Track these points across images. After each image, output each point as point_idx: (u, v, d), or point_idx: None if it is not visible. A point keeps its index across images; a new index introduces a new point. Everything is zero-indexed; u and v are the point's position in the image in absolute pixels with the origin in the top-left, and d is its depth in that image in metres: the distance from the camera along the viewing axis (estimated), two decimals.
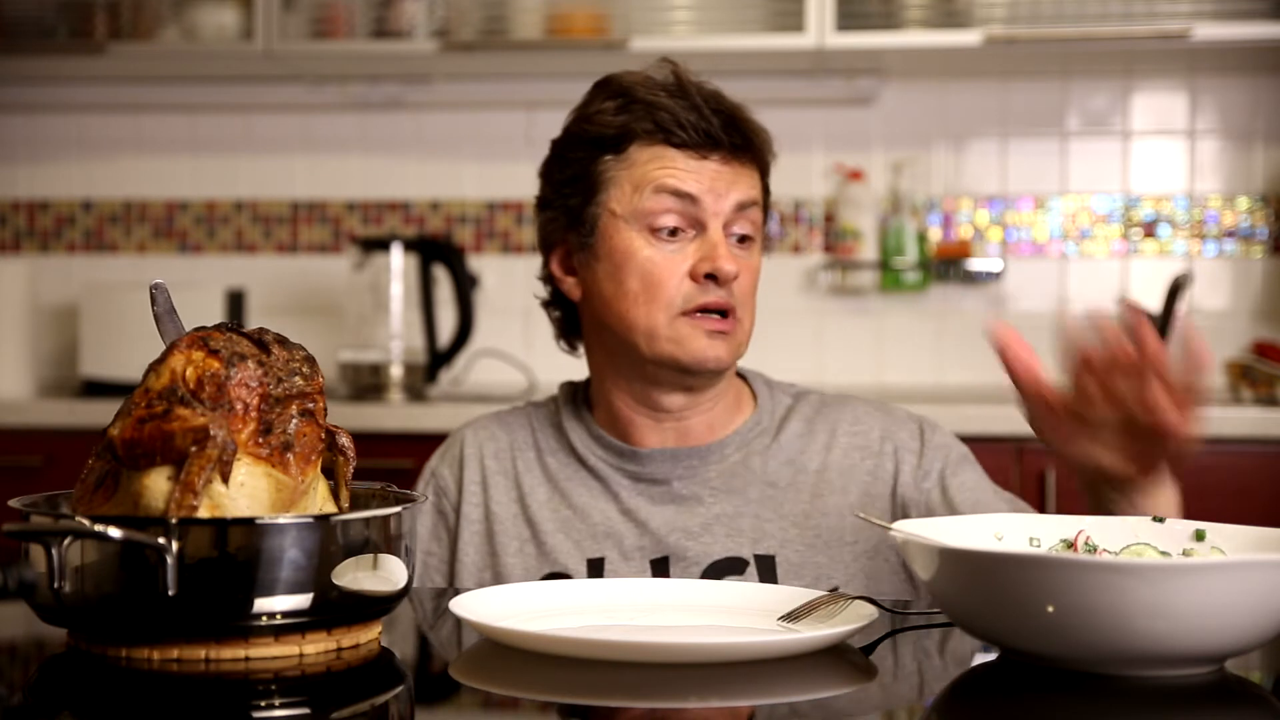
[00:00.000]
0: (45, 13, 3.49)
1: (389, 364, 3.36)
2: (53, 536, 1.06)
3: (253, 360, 1.14)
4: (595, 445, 1.71)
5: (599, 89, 1.69)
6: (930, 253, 3.55)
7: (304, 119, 3.75)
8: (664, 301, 1.61)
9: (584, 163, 1.66)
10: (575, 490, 1.70)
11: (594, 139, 1.66)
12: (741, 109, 1.67)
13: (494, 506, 1.72)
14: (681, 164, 1.63)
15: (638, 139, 1.64)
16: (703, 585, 1.33)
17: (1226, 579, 1.02)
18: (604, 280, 1.65)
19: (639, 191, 1.63)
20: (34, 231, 3.82)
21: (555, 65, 3.49)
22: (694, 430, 1.70)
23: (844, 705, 1.09)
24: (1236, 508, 2.76)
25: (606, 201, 1.64)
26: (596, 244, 1.65)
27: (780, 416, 1.75)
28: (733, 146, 1.64)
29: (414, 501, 1.21)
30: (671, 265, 1.62)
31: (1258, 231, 3.54)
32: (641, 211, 1.62)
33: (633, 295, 1.62)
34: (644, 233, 1.63)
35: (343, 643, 1.14)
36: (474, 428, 1.79)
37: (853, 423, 1.74)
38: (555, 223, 1.70)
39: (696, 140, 1.62)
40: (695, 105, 1.63)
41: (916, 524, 1.25)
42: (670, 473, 1.68)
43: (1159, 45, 3.28)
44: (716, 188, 1.63)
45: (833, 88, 3.56)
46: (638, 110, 1.64)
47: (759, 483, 1.69)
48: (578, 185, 1.67)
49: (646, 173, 1.63)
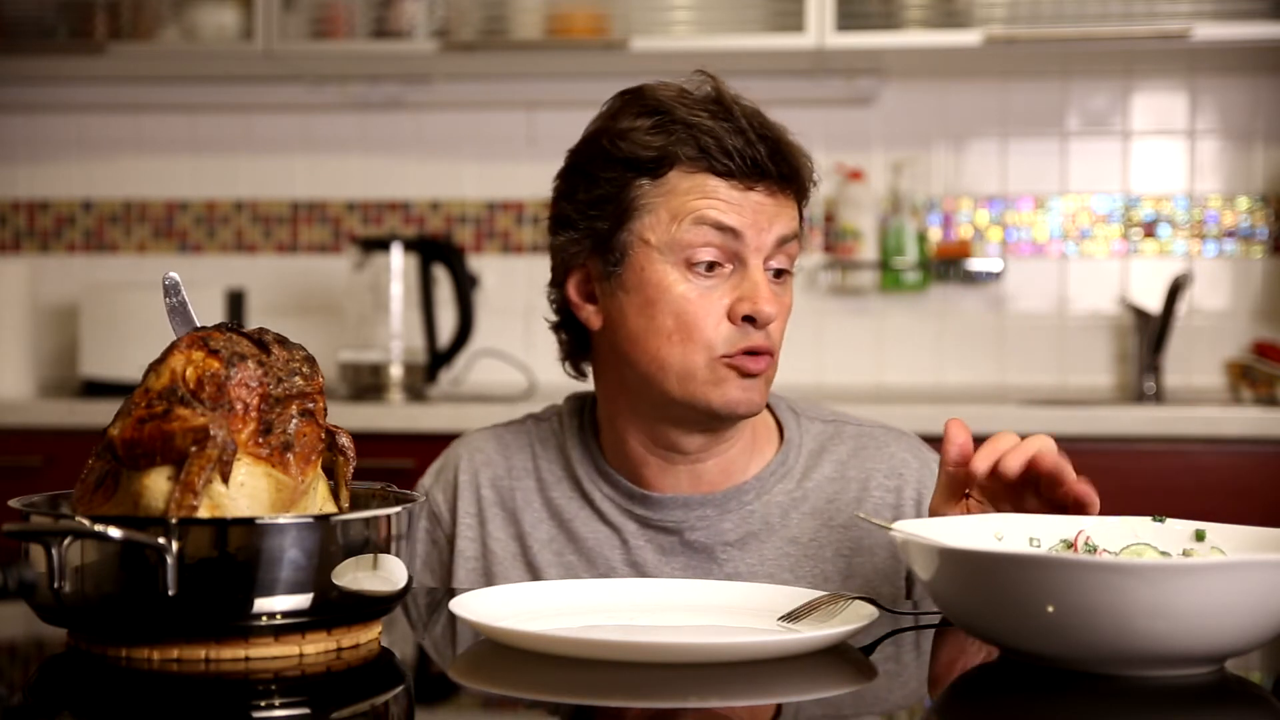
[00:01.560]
0: (45, 13, 3.49)
1: (389, 364, 3.36)
2: (53, 536, 1.06)
3: (253, 360, 1.14)
4: (602, 482, 1.60)
5: (630, 102, 1.54)
6: (930, 253, 3.55)
7: (304, 119, 3.75)
8: (702, 343, 1.48)
9: (615, 184, 1.52)
10: (582, 531, 1.60)
11: (628, 159, 1.51)
12: (785, 133, 1.54)
13: (490, 544, 1.62)
14: (724, 194, 1.49)
15: (679, 164, 1.49)
16: (703, 585, 1.33)
17: (1226, 579, 1.02)
18: (632, 313, 1.51)
19: (677, 221, 1.49)
20: (34, 231, 3.82)
21: (555, 65, 3.49)
22: (708, 473, 1.58)
23: (844, 705, 1.09)
24: (1236, 508, 2.77)
25: (640, 229, 1.50)
26: (625, 274, 1.52)
27: (809, 455, 1.61)
28: (780, 177, 1.51)
29: (414, 501, 1.21)
30: (708, 304, 1.49)
31: (1258, 231, 3.54)
32: (679, 243, 1.49)
33: (666, 333, 1.49)
34: (680, 266, 1.49)
35: (343, 643, 1.14)
36: (469, 447, 1.68)
37: (888, 474, 1.60)
38: (577, 245, 1.55)
39: (742, 169, 1.49)
40: (741, 129, 1.49)
41: (916, 524, 1.25)
42: (682, 521, 1.57)
43: (1159, 45, 3.29)
44: (759, 222, 1.49)
45: (833, 88, 3.57)
46: (678, 132, 1.50)
47: (779, 538, 1.57)
48: (607, 208, 1.52)
49: (686, 202, 1.49)
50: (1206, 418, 2.96)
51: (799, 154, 1.54)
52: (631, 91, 1.56)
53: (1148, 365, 3.41)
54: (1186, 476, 2.92)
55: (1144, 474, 2.92)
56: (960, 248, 3.56)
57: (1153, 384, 3.39)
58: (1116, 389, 3.52)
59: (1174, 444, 2.93)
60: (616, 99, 1.56)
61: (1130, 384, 3.48)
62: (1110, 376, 3.55)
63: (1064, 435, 2.99)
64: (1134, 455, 2.93)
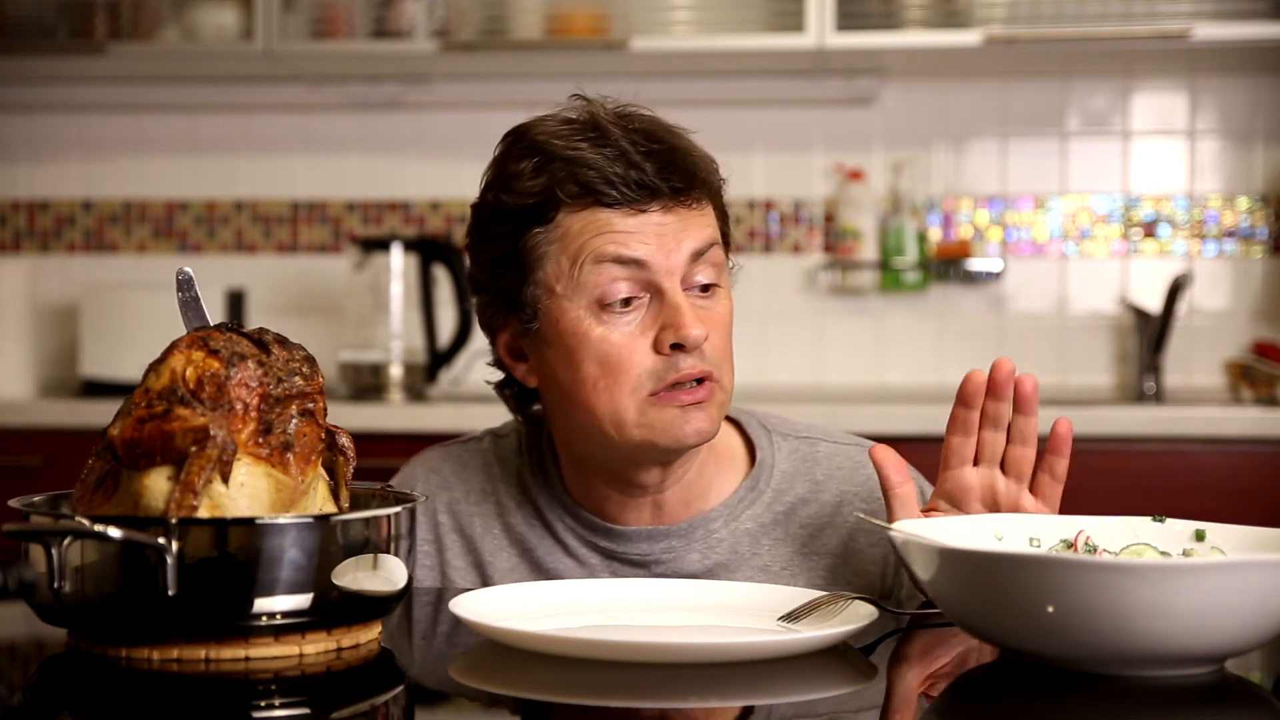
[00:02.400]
0: (45, 13, 3.49)
1: (389, 364, 3.36)
2: (53, 536, 1.06)
3: (253, 360, 1.14)
4: (564, 513, 1.53)
5: (513, 145, 1.47)
6: (930, 253, 3.55)
7: (304, 119, 3.75)
8: (629, 385, 1.40)
9: (510, 238, 1.44)
10: (545, 561, 1.53)
11: (514, 211, 1.44)
12: (677, 138, 1.45)
13: (449, 572, 1.56)
14: (619, 225, 1.40)
15: (564, 205, 1.41)
16: (703, 585, 1.33)
17: (1226, 579, 1.02)
18: (558, 367, 1.44)
19: (577, 265, 1.40)
20: (34, 231, 3.82)
21: (555, 65, 3.49)
22: (668, 503, 1.51)
23: (844, 705, 1.09)
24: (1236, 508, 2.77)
25: (544, 280, 1.43)
26: (542, 328, 1.44)
27: (781, 477, 1.54)
28: (673, 191, 1.42)
29: (414, 501, 1.21)
30: (630, 342, 1.40)
31: (1258, 231, 3.54)
32: (585, 286, 1.40)
33: (591, 381, 1.41)
34: (592, 309, 1.41)
35: (343, 643, 1.14)
36: (425, 469, 1.61)
37: (865, 499, 1.52)
38: (492, 307, 1.49)
39: (630, 195, 1.40)
40: (621, 151, 1.40)
41: (916, 524, 1.25)
42: (648, 554, 1.50)
43: (1159, 45, 3.28)
44: (664, 244, 1.41)
45: (833, 88, 3.56)
46: (558, 170, 1.41)
47: (749, 567, 1.50)
48: (510, 265, 1.45)
49: (583, 243, 1.40)
50: (1206, 418, 2.96)
51: (693, 158, 1.45)
52: (514, 132, 1.48)
53: (1148, 365, 3.40)
54: (1186, 476, 2.92)
55: (1144, 474, 2.92)
56: (960, 248, 3.56)
57: (1153, 384, 3.39)
58: (1116, 389, 3.52)
59: (1174, 444, 2.93)
60: (503, 140, 1.49)
61: (1130, 384, 3.48)
62: (1110, 376, 3.55)
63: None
64: (1134, 455, 2.93)
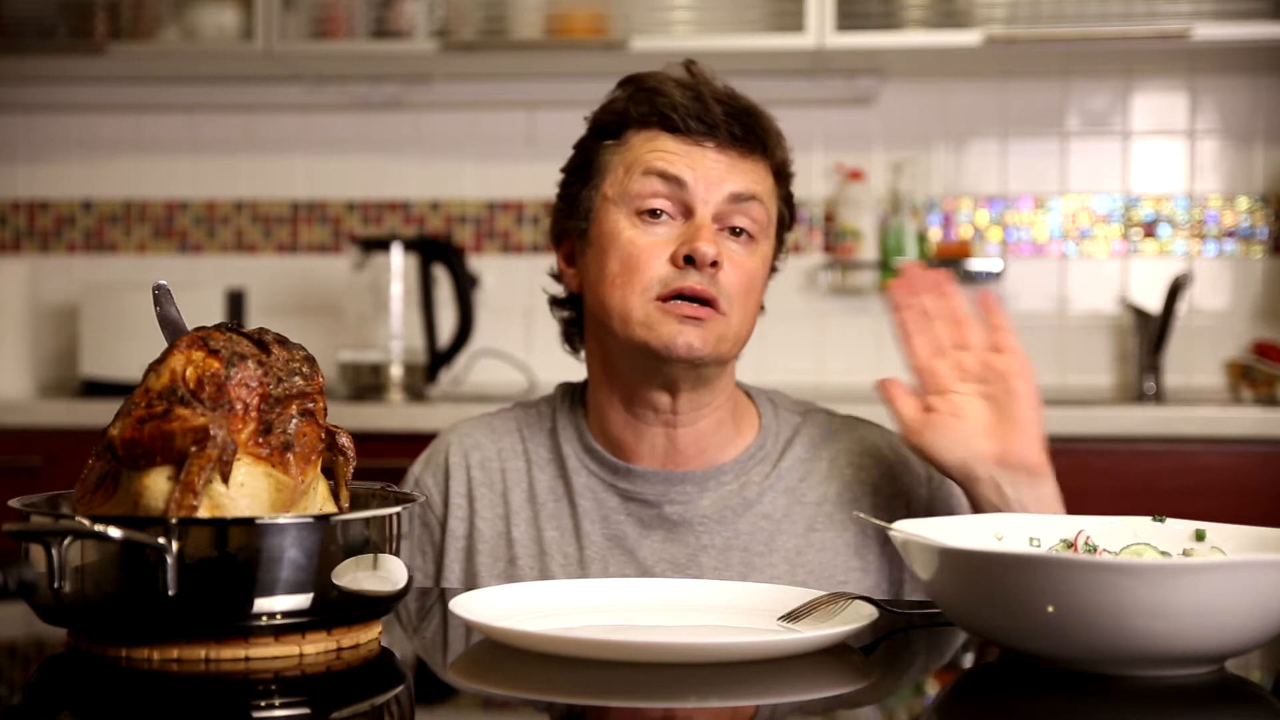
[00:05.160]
0: (45, 13, 3.49)
1: (389, 364, 3.36)
2: (53, 536, 1.06)
3: (253, 360, 1.14)
4: (588, 458, 1.65)
5: (620, 82, 1.67)
6: (930, 253, 3.55)
7: (304, 119, 3.75)
8: (640, 285, 1.55)
9: (587, 151, 1.64)
10: (562, 512, 1.65)
11: (597, 127, 1.64)
12: (758, 107, 1.64)
13: (479, 523, 1.66)
14: (673, 147, 1.58)
15: (635, 123, 1.61)
16: (703, 585, 1.33)
17: (1226, 579, 1.02)
18: (593, 266, 1.60)
19: (630, 174, 1.59)
20: (34, 231, 3.82)
21: (555, 65, 3.50)
22: (683, 442, 1.63)
23: (844, 705, 1.09)
24: (1236, 508, 2.77)
25: (602, 187, 1.61)
26: (590, 230, 1.62)
27: (784, 441, 1.68)
28: (730, 135, 1.59)
29: (414, 501, 1.21)
30: (652, 248, 1.56)
31: (1258, 231, 3.54)
32: (629, 194, 1.58)
33: (611, 277, 1.56)
34: (630, 215, 1.58)
35: (343, 643, 1.14)
36: (459, 434, 1.72)
37: (859, 453, 1.68)
38: (560, 213, 1.67)
39: (692, 126, 1.58)
40: (698, 93, 1.59)
41: (916, 524, 1.26)
42: (662, 496, 1.62)
43: (1159, 45, 3.29)
44: (709, 175, 1.57)
45: (833, 88, 3.56)
46: (639, 96, 1.61)
47: (753, 514, 1.63)
48: (580, 173, 1.64)
49: (639, 156, 1.59)
50: (1206, 418, 2.96)
51: (763, 124, 1.62)
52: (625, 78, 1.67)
53: (1148, 365, 3.41)
54: (1186, 476, 2.92)
55: (1144, 474, 2.92)
56: (960, 248, 3.56)
57: (1153, 384, 3.39)
58: (1116, 389, 3.52)
59: (1174, 444, 2.93)
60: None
61: (1130, 384, 3.48)
62: (1110, 376, 3.55)
63: (1064, 435, 3.00)
64: (1134, 455, 2.93)
